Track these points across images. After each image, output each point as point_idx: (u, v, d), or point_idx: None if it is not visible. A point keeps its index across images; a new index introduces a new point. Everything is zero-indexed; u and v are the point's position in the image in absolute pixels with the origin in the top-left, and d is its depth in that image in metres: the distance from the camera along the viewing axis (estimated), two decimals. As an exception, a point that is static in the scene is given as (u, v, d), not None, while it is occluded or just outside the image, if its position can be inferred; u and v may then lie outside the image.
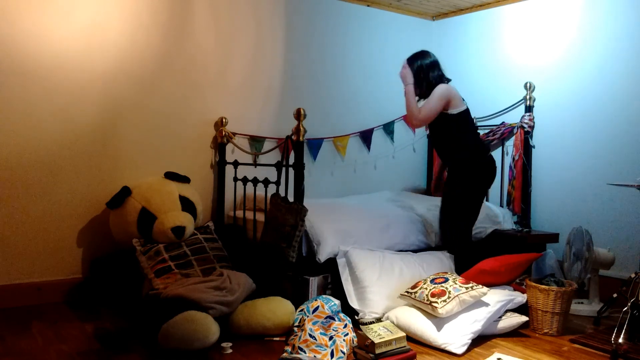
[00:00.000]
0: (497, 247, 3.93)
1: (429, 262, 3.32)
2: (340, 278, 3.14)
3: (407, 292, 2.94)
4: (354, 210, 3.65)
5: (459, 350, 2.61)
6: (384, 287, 3.06)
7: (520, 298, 2.94)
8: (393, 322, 2.83)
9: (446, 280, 2.88)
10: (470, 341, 2.66)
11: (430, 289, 2.82)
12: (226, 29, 3.99)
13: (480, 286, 2.81)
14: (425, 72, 3.39)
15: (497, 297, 2.85)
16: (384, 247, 3.41)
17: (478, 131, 3.45)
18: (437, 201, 4.37)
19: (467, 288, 2.77)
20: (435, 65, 3.42)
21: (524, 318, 2.93)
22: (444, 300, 2.71)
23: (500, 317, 2.87)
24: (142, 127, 3.67)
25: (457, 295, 2.72)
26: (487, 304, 2.79)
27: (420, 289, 2.88)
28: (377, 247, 3.38)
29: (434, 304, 2.72)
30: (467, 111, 3.42)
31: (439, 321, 2.73)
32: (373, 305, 3.00)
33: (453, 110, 3.34)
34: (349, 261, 3.17)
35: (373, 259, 3.18)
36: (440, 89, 3.31)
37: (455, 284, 2.82)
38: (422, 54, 3.47)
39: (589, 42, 3.93)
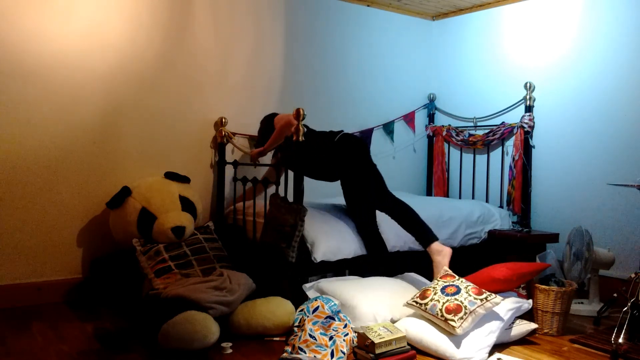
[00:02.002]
0: (497, 247, 3.93)
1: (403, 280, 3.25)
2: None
3: (416, 302, 2.76)
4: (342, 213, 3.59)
5: None
6: (372, 300, 2.92)
7: (527, 305, 2.83)
8: None
9: (458, 290, 2.70)
10: (487, 355, 2.56)
11: (443, 302, 2.63)
12: (226, 29, 3.99)
13: (494, 296, 2.66)
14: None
15: (506, 306, 2.73)
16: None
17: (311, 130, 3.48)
18: (434, 199, 4.39)
19: (481, 300, 2.62)
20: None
21: (533, 325, 2.88)
22: (461, 318, 2.55)
23: (511, 325, 2.78)
24: (142, 127, 3.67)
25: (472, 311, 2.58)
26: (498, 314, 2.68)
27: (431, 300, 2.69)
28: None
29: (451, 322, 2.55)
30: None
31: (454, 336, 2.59)
32: (364, 318, 2.86)
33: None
34: (322, 292, 3.06)
35: (346, 283, 3.10)
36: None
37: (470, 295, 2.65)
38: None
39: (589, 42, 3.93)
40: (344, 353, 2.50)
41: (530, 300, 2.91)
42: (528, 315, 2.99)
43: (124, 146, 3.61)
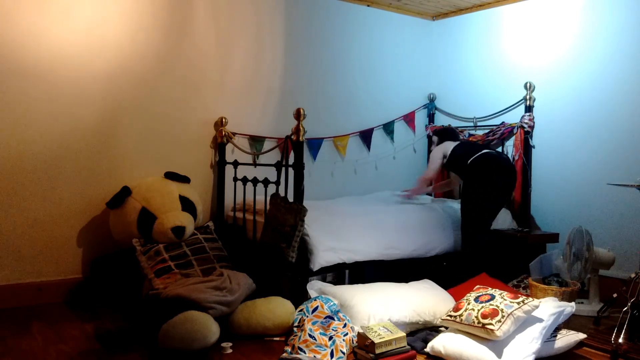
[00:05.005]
0: (497, 247, 3.92)
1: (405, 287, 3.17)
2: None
3: (450, 315, 2.64)
4: (349, 216, 3.57)
5: None
6: (369, 300, 2.89)
7: (570, 308, 2.64)
8: (440, 352, 2.55)
9: (492, 297, 2.59)
10: None
11: (478, 310, 2.52)
12: (226, 29, 3.99)
13: (531, 299, 2.53)
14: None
15: (548, 310, 2.57)
16: (378, 256, 3.43)
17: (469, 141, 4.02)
18: (434, 201, 4.39)
19: (518, 303, 2.49)
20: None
21: (581, 335, 2.67)
22: (499, 321, 2.43)
23: (555, 335, 2.60)
24: (142, 127, 3.67)
25: (510, 313, 2.44)
26: (539, 319, 2.52)
27: (465, 310, 2.58)
28: (374, 252, 3.40)
29: (489, 326, 2.42)
30: (454, 150, 3.94)
31: (494, 345, 2.43)
32: (361, 318, 2.82)
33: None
34: (322, 292, 3.05)
35: (346, 287, 3.09)
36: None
37: (505, 299, 2.53)
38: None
39: (589, 42, 3.92)
40: (343, 353, 2.50)
41: (573, 303, 2.74)
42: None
43: (124, 146, 3.61)
